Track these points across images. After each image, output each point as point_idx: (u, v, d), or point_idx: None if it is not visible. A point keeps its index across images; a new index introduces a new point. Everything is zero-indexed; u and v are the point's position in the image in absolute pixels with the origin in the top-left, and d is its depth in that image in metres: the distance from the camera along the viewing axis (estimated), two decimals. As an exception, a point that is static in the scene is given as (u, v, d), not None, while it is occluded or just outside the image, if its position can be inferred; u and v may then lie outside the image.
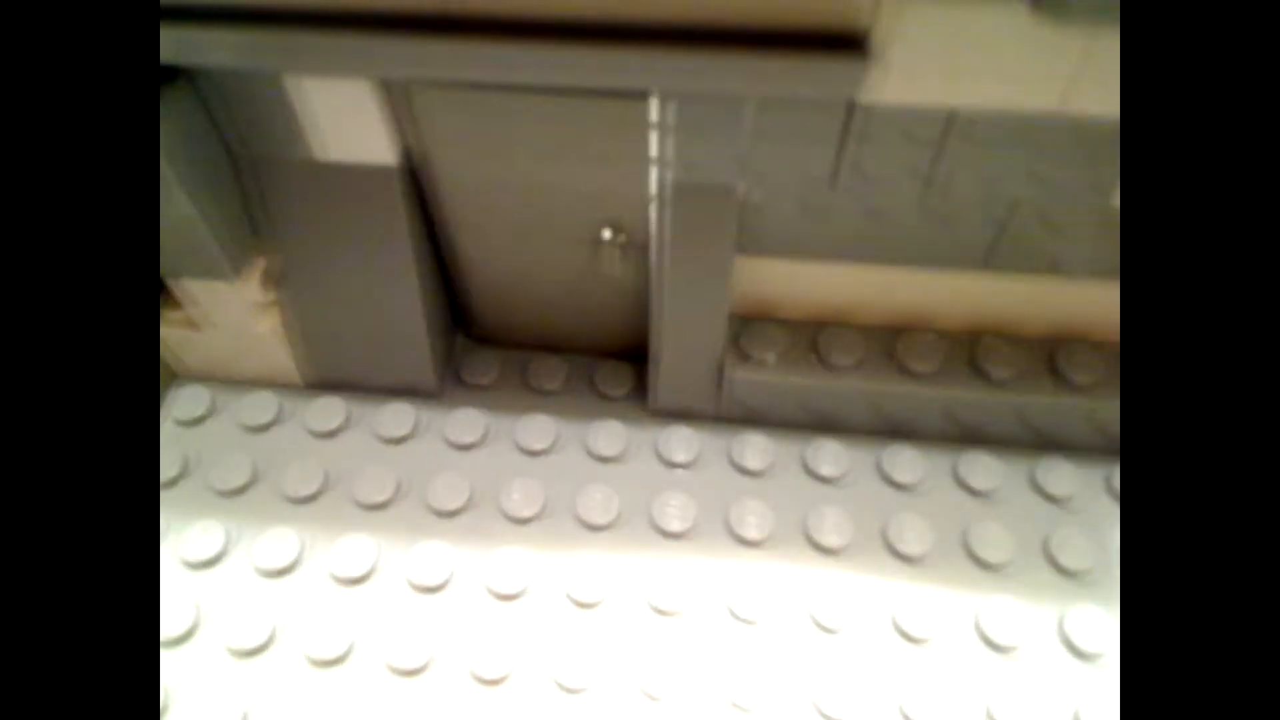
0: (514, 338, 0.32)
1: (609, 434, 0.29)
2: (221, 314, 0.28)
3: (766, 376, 0.28)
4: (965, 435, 0.29)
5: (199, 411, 0.30)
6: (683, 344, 0.28)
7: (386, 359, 0.30)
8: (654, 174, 0.23)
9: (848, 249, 0.25)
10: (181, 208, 0.24)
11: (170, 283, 0.27)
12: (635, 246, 0.26)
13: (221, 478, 0.29)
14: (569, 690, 0.24)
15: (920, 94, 0.20)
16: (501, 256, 0.28)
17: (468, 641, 0.25)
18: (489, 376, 0.31)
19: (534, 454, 0.29)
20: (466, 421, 0.30)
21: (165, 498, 0.28)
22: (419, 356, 0.30)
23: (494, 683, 0.24)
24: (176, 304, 0.29)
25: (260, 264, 0.27)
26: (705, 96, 0.21)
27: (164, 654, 0.25)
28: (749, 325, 0.28)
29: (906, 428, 0.29)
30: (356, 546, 0.27)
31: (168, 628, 0.25)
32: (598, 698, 0.24)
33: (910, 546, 0.26)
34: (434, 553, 0.27)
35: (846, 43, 0.19)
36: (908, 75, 0.20)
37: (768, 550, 0.27)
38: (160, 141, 0.22)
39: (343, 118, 0.24)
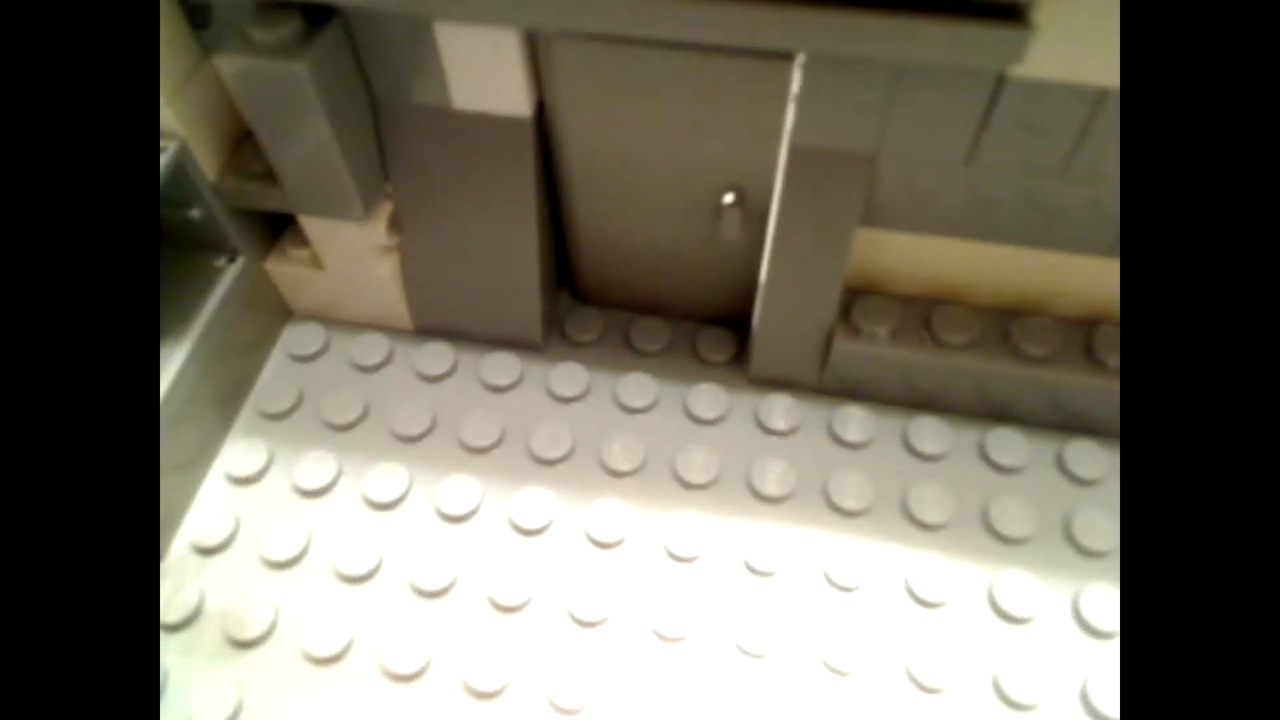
0: (618, 299, 0.32)
1: (709, 397, 0.30)
2: (344, 255, 0.29)
3: (877, 350, 0.28)
4: (1070, 422, 0.28)
5: (313, 349, 0.31)
6: (791, 312, 0.28)
7: (496, 309, 0.31)
8: (786, 139, 0.24)
9: (974, 226, 0.25)
10: (325, 146, 0.25)
11: (301, 220, 0.28)
12: (755, 212, 0.27)
13: (334, 412, 0.30)
14: (664, 639, 0.25)
15: (1074, 71, 0.20)
16: (618, 215, 0.29)
17: (566, 583, 0.26)
18: (592, 334, 0.32)
19: (634, 411, 0.30)
20: (569, 375, 0.30)
21: (278, 428, 0.30)
22: (528, 309, 0.30)
23: (591, 624, 0.25)
24: (301, 243, 0.30)
25: (387, 208, 0.28)
26: (852, 61, 0.21)
27: (276, 575, 0.27)
28: (860, 298, 0.28)
29: (1010, 410, 0.29)
30: (461, 486, 0.28)
31: (279, 551, 0.27)
32: (692, 648, 0.25)
33: (1009, 527, 0.26)
34: (535, 498, 0.27)
35: (1006, 12, 0.19)
36: (1064, 51, 0.20)
37: (866, 520, 0.27)
38: (310, 79, 0.23)
39: (484, 68, 0.24)
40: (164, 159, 0.25)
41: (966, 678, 0.24)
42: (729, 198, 0.26)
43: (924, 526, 0.27)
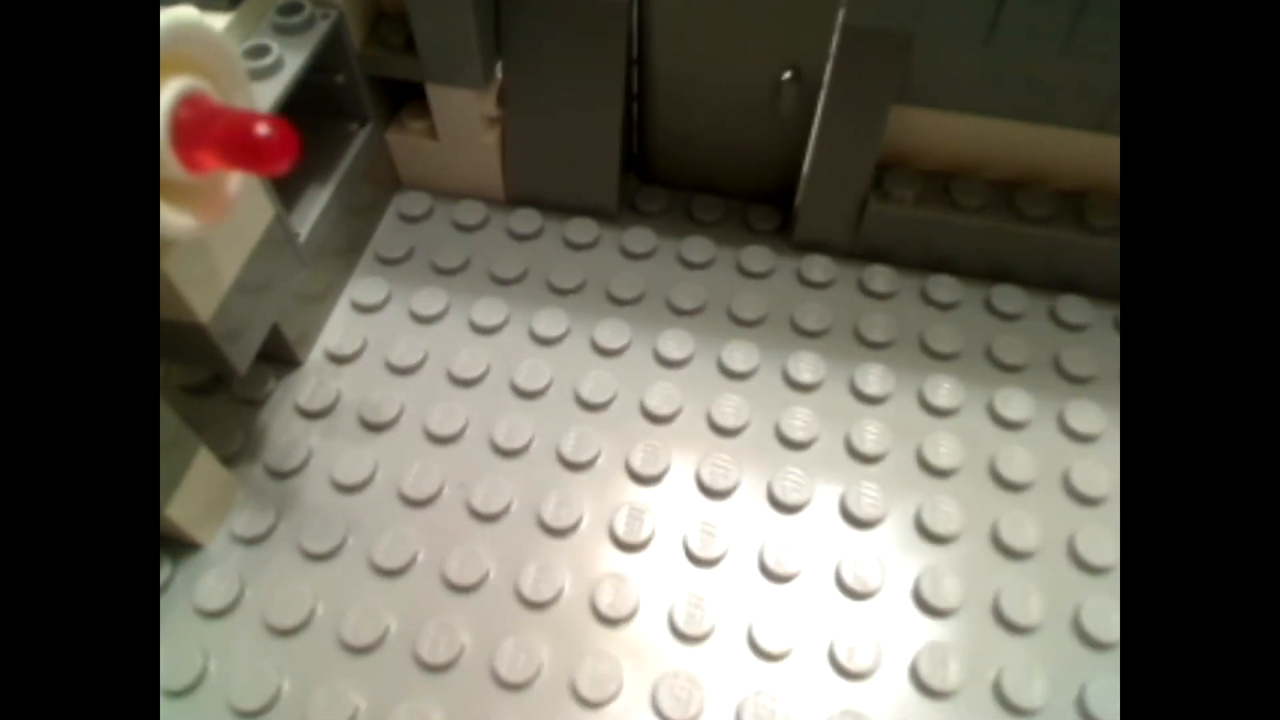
0: (680, 178, 0.38)
1: (758, 256, 0.35)
2: (457, 124, 0.35)
3: (904, 212, 0.33)
4: (1062, 281, 0.34)
5: (420, 211, 0.37)
6: (832, 182, 0.33)
7: (579, 180, 0.36)
8: (840, 20, 0.29)
9: (987, 103, 0.30)
10: (462, 19, 0.30)
11: (428, 89, 0.34)
12: (808, 90, 0.32)
13: (442, 259, 0.35)
14: (722, 430, 0.30)
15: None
16: (690, 97, 0.34)
17: (640, 390, 0.31)
18: (657, 206, 0.37)
19: (695, 266, 0.35)
20: (640, 236, 0.36)
21: (394, 271, 0.35)
22: (607, 180, 0.36)
23: (664, 418, 0.31)
24: (418, 116, 0.36)
25: (497, 80, 0.34)
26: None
27: (400, 379, 0.32)
28: (890, 170, 0.34)
29: (1012, 271, 0.34)
30: (551, 317, 0.33)
31: (403, 360, 0.32)
32: (745, 441, 0.30)
33: (1011, 356, 0.32)
34: (616, 328, 0.33)
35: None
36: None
37: (889, 351, 0.32)
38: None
39: (591, -45, 0.30)
40: (323, 26, 0.31)
41: (969, 467, 0.30)
42: (787, 74, 0.32)
43: (937, 356, 0.32)
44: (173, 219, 0.20)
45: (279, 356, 0.32)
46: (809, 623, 0.27)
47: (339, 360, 0.33)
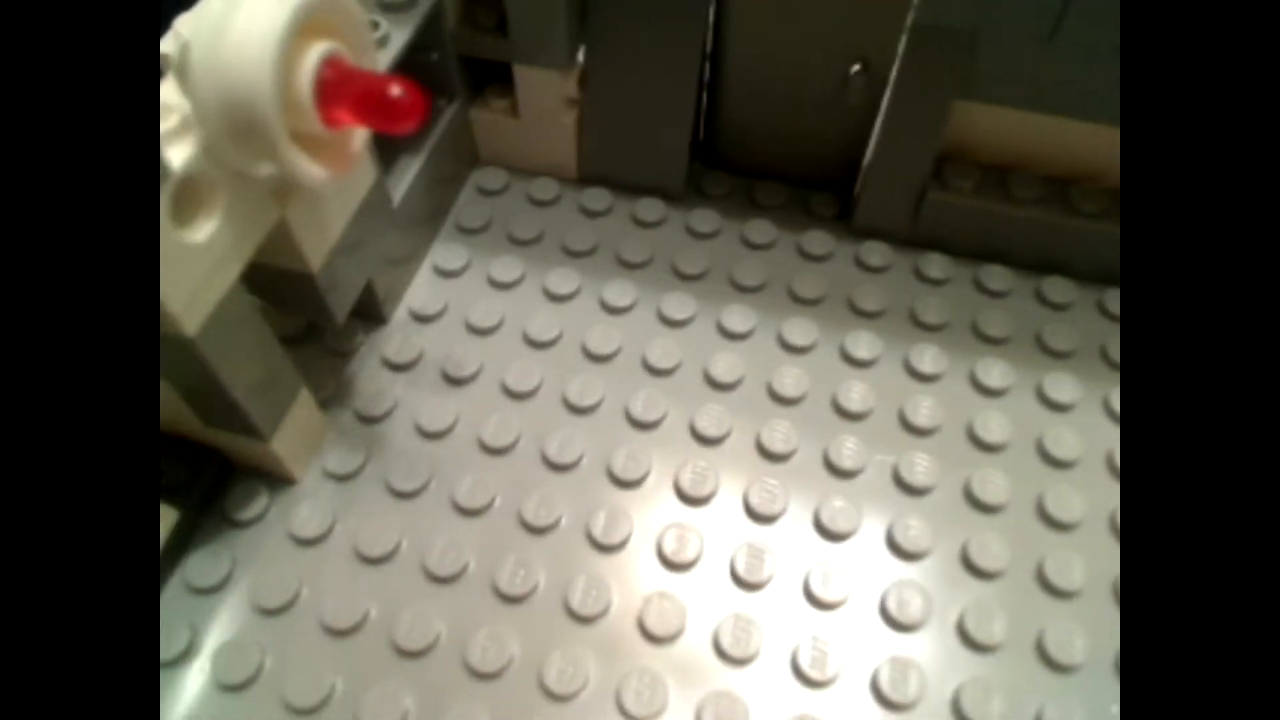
0: (743, 165, 0.40)
1: (818, 239, 0.37)
2: (539, 104, 0.37)
3: (961, 202, 0.35)
4: (1109, 276, 0.35)
5: (497, 185, 0.39)
6: (894, 170, 0.35)
7: (648, 161, 0.38)
8: (911, 17, 0.31)
9: (1046, 100, 0.32)
10: (554, 1, 0.32)
11: (515, 69, 0.36)
12: (875, 83, 0.34)
13: (518, 230, 0.37)
14: (781, 400, 0.32)
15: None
16: (762, 85, 0.36)
17: (705, 359, 0.33)
18: (721, 190, 0.39)
19: (756, 247, 0.37)
20: (705, 217, 0.38)
21: (473, 240, 0.37)
22: (676, 163, 0.38)
23: (726, 386, 0.33)
24: (501, 95, 0.38)
25: (579, 64, 0.36)
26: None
27: (480, 339, 0.34)
28: (949, 161, 0.35)
29: (1062, 264, 0.35)
30: (623, 288, 0.35)
31: (482, 321, 0.34)
32: (802, 413, 0.32)
33: (1058, 343, 0.33)
34: (680, 300, 0.35)
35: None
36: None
37: (942, 334, 0.34)
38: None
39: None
40: (424, 6, 0.33)
41: (1016, 442, 0.31)
42: (856, 68, 0.33)
43: (988, 340, 0.34)
44: (309, 169, 0.22)
45: (368, 314, 0.34)
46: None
47: (422, 319, 0.35)
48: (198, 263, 0.22)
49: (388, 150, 0.35)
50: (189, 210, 0.22)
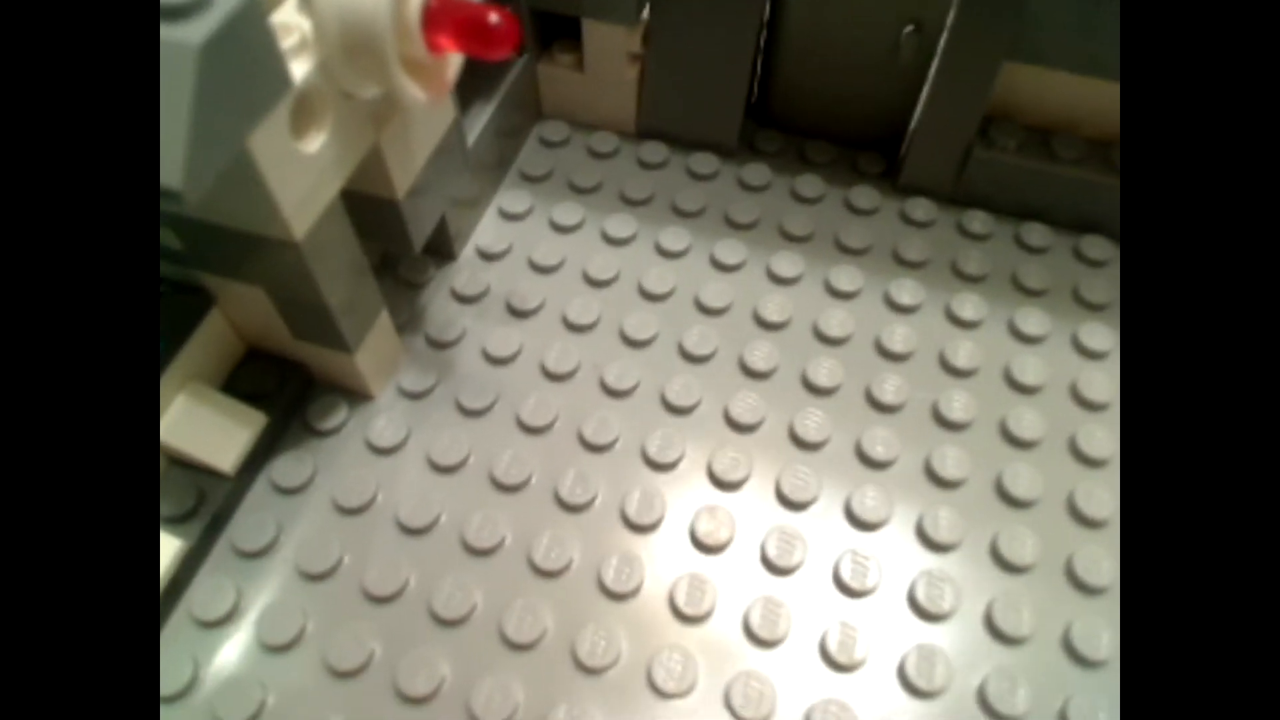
0: (794, 124, 0.41)
1: (865, 194, 0.38)
2: (604, 58, 0.39)
3: (1005, 159, 0.36)
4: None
5: (560, 138, 0.41)
6: (941, 129, 0.37)
7: (704, 117, 0.40)
8: (963, -24, 0.32)
9: (1089, 62, 0.33)
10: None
11: (584, 24, 0.38)
12: (926, 44, 0.35)
13: (579, 179, 0.39)
14: (827, 339, 0.34)
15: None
16: (818, 45, 0.37)
17: (757, 295, 0.35)
18: (773, 147, 0.41)
19: (806, 200, 0.39)
20: (756, 171, 0.39)
21: (536, 188, 0.39)
22: (731, 119, 0.40)
23: (775, 325, 0.34)
24: (567, 50, 0.40)
25: (644, 20, 0.38)
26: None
27: (543, 277, 0.36)
28: (995, 121, 0.37)
29: (1101, 222, 0.37)
30: (678, 233, 0.37)
31: (544, 259, 0.36)
32: (849, 352, 0.34)
33: (1096, 296, 0.35)
34: (733, 247, 0.37)
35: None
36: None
37: (982, 285, 0.36)
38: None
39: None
40: (501, -40, 0.35)
41: (1051, 387, 0.33)
42: (909, 28, 0.35)
43: (1028, 292, 0.35)
44: (411, 90, 0.24)
45: (439, 250, 0.36)
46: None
47: (489, 257, 0.37)
48: (308, 172, 0.24)
49: (460, 101, 0.37)
50: (303, 123, 0.24)
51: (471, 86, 0.37)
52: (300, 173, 0.24)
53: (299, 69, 0.23)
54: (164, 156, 0.19)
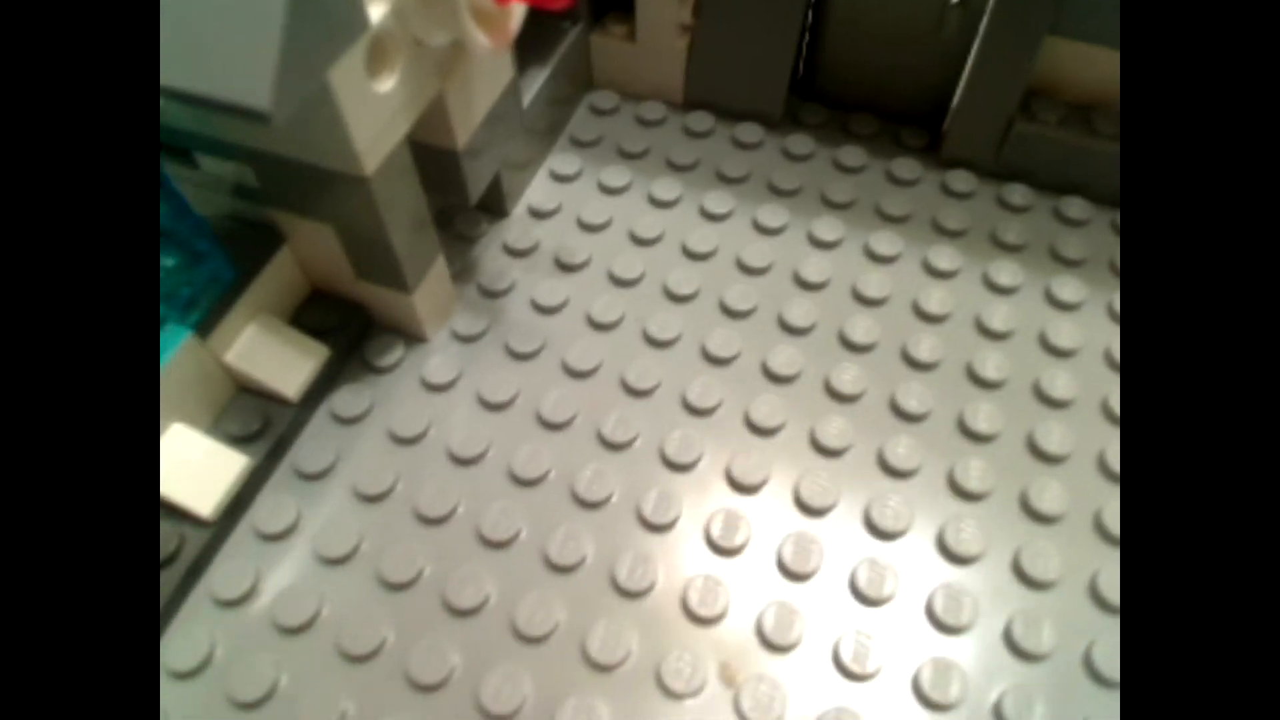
0: (838, 99, 0.42)
1: (907, 166, 0.39)
2: (655, 29, 0.40)
3: (1046, 133, 0.37)
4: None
5: (609, 106, 0.43)
6: (984, 102, 0.37)
7: (750, 89, 0.41)
8: (1010, -51, 0.33)
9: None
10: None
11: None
12: (970, 18, 0.36)
13: (627, 145, 0.41)
14: (864, 299, 0.35)
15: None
16: (861, 24, 0.38)
17: (798, 259, 0.36)
18: (816, 120, 0.42)
19: (848, 170, 0.40)
20: (800, 141, 0.41)
21: (586, 152, 0.41)
22: (776, 90, 0.41)
23: (813, 286, 0.36)
24: (620, 21, 0.41)
25: (696, -8, 0.39)
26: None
27: (589, 235, 0.37)
28: (1036, 96, 0.37)
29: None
30: (721, 198, 0.39)
31: (592, 218, 0.38)
32: (887, 311, 0.35)
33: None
34: (775, 210, 0.38)
35: None
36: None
37: (1020, 254, 0.37)
38: None
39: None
40: (561, -70, 0.36)
41: (1087, 349, 0.33)
42: (954, 1, 0.36)
43: (1068, 263, 0.36)
44: (478, 37, 0.26)
45: (492, 207, 0.38)
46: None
47: (539, 215, 0.38)
48: (380, 111, 0.26)
49: (517, 63, 0.38)
50: (376, 64, 0.26)
51: (526, 55, 0.39)
52: (372, 110, 0.26)
53: (375, 11, 0.25)
54: (254, 78, 0.21)
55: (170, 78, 0.22)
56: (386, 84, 0.26)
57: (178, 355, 0.28)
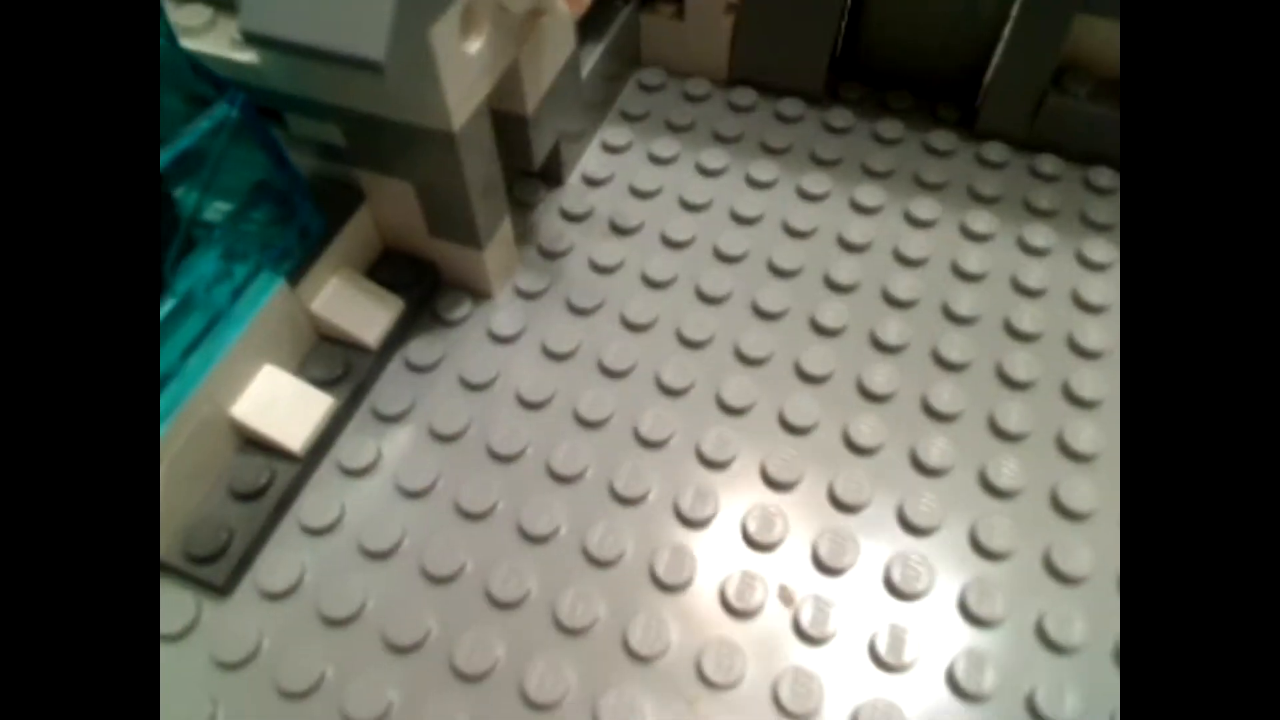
0: (875, 76, 0.44)
1: (943, 138, 0.41)
2: (703, 7, 0.42)
3: (1077, 106, 0.39)
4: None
5: (657, 82, 0.45)
6: (1017, 76, 0.39)
7: (793, 65, 0.43)
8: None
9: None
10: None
11: (687, -25, 0.41)
12: (1007, -8, 0.38)
13: (675, 118, 0.43)
14: (905, 260, 0.37)
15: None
16: (901, 3, 0.40)
17: (839, 230, 0.38)
18: (855, 96, 0.44)
19: (887, 141, 0.42)
20: (840, 115, 0.43)
21: (636, 126, 0.43)
22: (817, 67, 0.43)
23: (857, 247, 0.38)
24: (669, 1, 0.43)
25: (743, -28, 0.41)
26: None
27: (642, 202, 0.39)
28: (1067, 71, 0.39)
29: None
30: (766, 167, 0.41)
31: (644, 185, 0.40)
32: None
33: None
34: (818, 178, 0.40)
35: None
36: None
37: (1053, 219, 0.38)
38: None
39: None
40: (618, -88, 0.38)
41: (1115, 309, 0.35)
42: (990, -20, 0.38)
43: (1097, 227, 0.38)
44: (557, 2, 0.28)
45: (549, 175, 0.40)
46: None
47: (593, 183, 0.40)
48: (468, 70, 0.28)
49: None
50: (467, 26, 0.28)
51: (583, 32, 0.41)
52: (462, 69, 0.28)
53: (468, -23, 0.27)
54: (370, 32, 0.23)
55: (291, 32, 0.24)
56: (475, 45, 0.28)
57: (271, 301, 0.31)
